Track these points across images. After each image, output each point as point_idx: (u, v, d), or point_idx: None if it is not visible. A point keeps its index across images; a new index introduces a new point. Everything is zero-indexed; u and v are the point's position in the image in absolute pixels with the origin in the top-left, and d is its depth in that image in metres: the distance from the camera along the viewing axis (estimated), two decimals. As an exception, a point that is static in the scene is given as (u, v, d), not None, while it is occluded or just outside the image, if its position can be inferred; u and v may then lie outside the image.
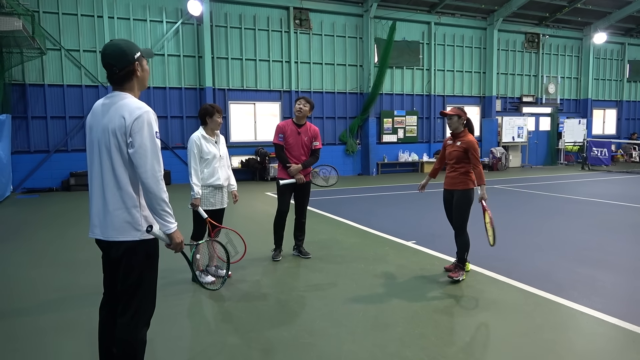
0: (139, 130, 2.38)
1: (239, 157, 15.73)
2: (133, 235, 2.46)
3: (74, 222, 8.53)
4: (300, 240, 6.02)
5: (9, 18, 10.03)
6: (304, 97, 5.83)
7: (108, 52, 2.47)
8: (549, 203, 10.05)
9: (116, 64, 2.46)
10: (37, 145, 13.48)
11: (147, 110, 2.43)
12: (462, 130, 5.04)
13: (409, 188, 12.94)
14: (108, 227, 2.47)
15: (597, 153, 19.16)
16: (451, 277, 4.84)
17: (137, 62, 2.52)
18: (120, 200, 2.45)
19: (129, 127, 2.38)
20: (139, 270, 2.51)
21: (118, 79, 2.49)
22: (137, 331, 2.51)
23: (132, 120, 2.38)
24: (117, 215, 2.45)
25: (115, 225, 2.45)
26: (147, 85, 2.65)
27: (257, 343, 3.52)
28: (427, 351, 3.34)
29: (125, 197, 2.46)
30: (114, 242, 2.48)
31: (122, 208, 2.45)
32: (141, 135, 2.38)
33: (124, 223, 2.45)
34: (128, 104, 2.43)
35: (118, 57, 2.46)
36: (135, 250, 2.49)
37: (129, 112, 2.40)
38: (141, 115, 2.40)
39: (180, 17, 14.70)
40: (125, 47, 2.49)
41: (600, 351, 3.35)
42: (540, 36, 20.64)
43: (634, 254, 5.87)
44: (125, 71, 2.48)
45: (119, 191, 2.45)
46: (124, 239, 2.46)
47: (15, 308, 4.32)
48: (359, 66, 17.39)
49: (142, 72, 2.56)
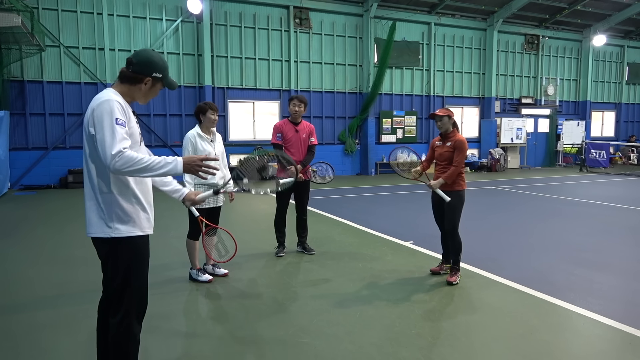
0: (98, 120, 2.30)
1: (237, 155, 15.71)
2: (105, 232, 2.41)
3: (71, 219, 8.51)
4: (304, 237, 6.08)
5: (8, 14, 10.00)
6: (296, 96, 5.86)
7: (141, 52, 2.49)
8: (547, 205, 10.06)
9: (135, 65, 2.45)
10: (35, 142, 13.45)
11: (107, 99, 2.35)
12: (451, 130, 4.98)
13: (407, 188, 12.94)
14: (88, 223, 2.45)
15: (595, 155, 19.19)
16: (450, 282, 4.78)
17: (150, 79, 2.49)
18: (92, 194, 2.43)
19: (89, 118, 2.35)
20: (123, 270, 2.45)
21: (124, 76, 2.48)
22: (128, 330, 2.49)
23: (92, 111, 2.35)
24: (92, 211, 2.43)
25: (91, 220, 2.43)
26: (145, 102, 2.61)
27: (253, 342, 3.51)
28: (423, 351, 3.34)
29: (95, 190, 2.42)
30: (95, 238, 2.46)
31: (94, 203, 2.42)
32: (101, 125, 2.29)
33: (98, 219, 2.42)
34: (98, 97, 2.40)
35: (141, 61, 2.45)
36: (114, 248, 2.43)
37: (91, 104, 2.38)
38: (100, 104, 2.33)
39: (180, 15, 14.68)
40: (154, 60, 2.48)
41: (597, 353, 3.35)
42: (539, 38, 20.66)
43: (631, 256, 5.87)
44: (134, 75, 2.46)
45: (91, 184, 2.44)
46: (98, 236, 2.43)
47: (12, 304, 4.31)
48: (358, 66, 17.39)
49: (147, 89, 2.52)
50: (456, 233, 4.91)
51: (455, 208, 4.87)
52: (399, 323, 3.83)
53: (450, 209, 4.88)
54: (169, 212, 8.34)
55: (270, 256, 5.93)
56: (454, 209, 4.87)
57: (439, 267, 5.17)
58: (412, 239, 6.69)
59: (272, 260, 5.78)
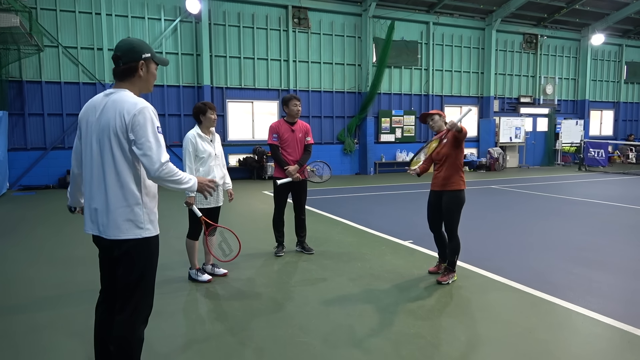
0: (141, 127, 2.37)
1: (236, 155, 15.72)
2: (135, 234, 2.45)
3: (70, 219, 8.47)
4: (302, 236, 6.09)
5: (6, 14, 9.98)
6: (294, 96, 5.88)
7: (119, 44, 2.53)
8: (546, 203, 10.07)
9: (122, 57, 2.49)
10: (33, 142, 13.43)
11: (145, 105, 2.42)
12: (445, 128, 4.88)
13: (406, 188, 12.95)
14: (110, 226, 2.44)
15: (594, 154, 19.21)
16: (439, 282, 4.76)
17: (143, 62, 2.52)
18: (123, 198, 2.43)
19: (129, 124, 2.37)
20: (140, 268, 2.50)
21: (120, 72, 2.51)
22: (135, 328, 2.50)
23: (131, 117, 2.37)
24: (119, 214, 2.43)
25: (118, 223, 2.43)
26: (150, 89, 2.63)
27: (251, 341, 3.51)
28: (422, 351, 3.34)
29: (127, 195, 2.44)
30: (116, 240, 2.45)
31: (124, 206, 2.43)
32: (144, 132, 2.37)
33: (126, 221, 2.43)
34: (125, 100, 2.42)
35: (125, 51, 2.49)
36: (138, 248, 2.48)
37: (127, 109, 2.39)
38: (140, 111, 2.38)
39: (179, 15, 14.67)
40: (135, 44, 2.52)
41: (596, 352, 3.36)
42: (538, 37, 20.67)
43: (630, 255, 5.88)
44: (128, 66, 2.49)
45: (122, 189, 2.43)
46: (126, 237, 2.44)
47: (11, 305, 4.30)
48: (357, 65, 17.38)
49: (146, 73, 2.55)
50: (454, 235, 4.83)
51: (453, 209, 4.80)
52: (398, 322, 3.83)
53: (448, 210, 4.80)
54: (169, 212, 8.34)
55: (269, 256, 5.93)
56: (451, 211, 4.79)
57: (437, 266, 5.17)
58: (411, 239, 6.70)
59: (271, 259, 5.78)
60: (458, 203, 4.80)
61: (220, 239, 4.92)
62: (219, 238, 4.94)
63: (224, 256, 4.69)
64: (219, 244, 4.89)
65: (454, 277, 4.84)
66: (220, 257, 4.68)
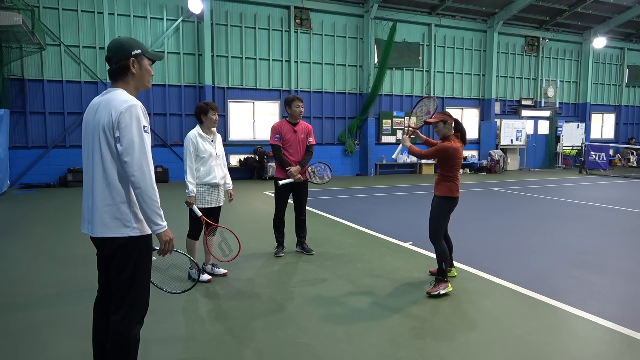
0: (126, 125, 2.35)
1: (237, 155, 15.73)
2: (122, 232, 2.44)
3: (70, 218, 8.51)
4: (303, 237, 6.09)
5: (9, 13, 10.00)
6: (297, 97, 5.90)
7: (109, 45, 2.56)
8: (546, 206, 10.06)
9: (113, 57, 2.50)
10: (35, 140, 13.45)
11: (133, 104, 2.39)
12: (449, 135, 4.72)
13: (407, 189, 12.94)
14: (97, 223, 2.44)
15: (594, 157, 19.19)
16: (428, 293, 4.44)
17: (134, 59, 2.51)
18: (109, 196, 2.43)
19: (115, 121, 2.36)
20: (131, 267, 2.48)
21: (112, 72, 2.52)
22: (130, 328, 2.50)
23: (118, 115, 2.36)
24: (105, 212, 2.42)
25: (105, 221, 2.43)
26: (147, 85, 2.62)
27: (251, 341, 3.51)
28: (421, 352, 3.34)
29: (114, 192, 2.43)
30: (106, 238, 2.45)
31: (110, 204, 2.43)
32: (128, 130, 2.35)
33: (113, 219, 2.43)
34: (116, 98, 2.42)
35: (115, 50, 2.51)
36: (127, 247, 2.46)
37: (115, 107, 2.38)
38: (127, 109, 2.37)
39: (181, 15, 14.68)
40: (125, 42, 2.52)
41: (595, 355, 3.36)
42: (540, 40, 20.67)
43: (630, 258, 5.88)
44: (120, 65, 2.50)
45: (108, 187, 2.43)
46: (113, 235, 2.43)
47: (11, 303, 4.31)
48: (358, 66, 17.39)
49: (139, 70, 2.54)
50: (438, 242, 4.61)
51: (434, 214, 4.65)
52: (397, 324, 3.83)
53: (430, 214, 4.69)
54: (168, 212, 8.33)
55: (269, 256, 5.93)
56: (433, 215, 4.66)
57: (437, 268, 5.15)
58: (412, 240, 6.70)
59: (271, 260, 5.78)
60: (441, 210, 4.65)
61: (220, 239, 4.92)
62: (219, 238, 4.94)
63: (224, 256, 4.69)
64: (219, 244, 4.89)
65: (447, 287, 4.48)
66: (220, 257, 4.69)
